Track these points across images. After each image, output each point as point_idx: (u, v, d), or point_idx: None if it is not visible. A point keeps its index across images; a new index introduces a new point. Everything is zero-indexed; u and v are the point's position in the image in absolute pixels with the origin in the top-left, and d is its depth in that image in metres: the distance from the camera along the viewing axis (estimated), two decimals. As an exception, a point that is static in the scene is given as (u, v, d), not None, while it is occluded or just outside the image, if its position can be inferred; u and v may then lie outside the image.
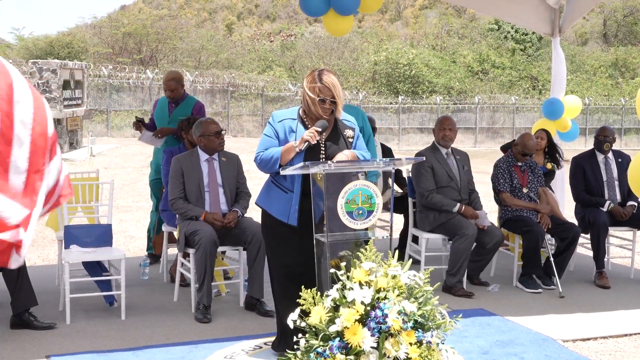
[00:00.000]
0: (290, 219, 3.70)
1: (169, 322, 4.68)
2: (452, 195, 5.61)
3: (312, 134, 3.60)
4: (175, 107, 6.31)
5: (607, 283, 5.81)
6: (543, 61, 33.20)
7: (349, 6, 6.26)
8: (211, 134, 5.01)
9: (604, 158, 6.21)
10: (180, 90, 6.31)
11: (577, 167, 6.26)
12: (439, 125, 5.74)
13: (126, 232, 8.36)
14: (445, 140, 5.69)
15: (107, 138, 21.49)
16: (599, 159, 6.22)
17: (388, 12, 52.09)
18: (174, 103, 6.32)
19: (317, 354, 3.05)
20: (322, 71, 3.71)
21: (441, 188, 5.62)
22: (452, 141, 5.73)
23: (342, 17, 6.38)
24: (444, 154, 5.72)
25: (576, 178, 6.25)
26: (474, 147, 26.88)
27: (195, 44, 33.32)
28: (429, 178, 5.63)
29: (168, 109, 6.31)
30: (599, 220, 5.92)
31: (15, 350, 4.12)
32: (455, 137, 5.77)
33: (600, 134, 6.28)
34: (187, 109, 6.33)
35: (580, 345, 4.42)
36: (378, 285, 3.11)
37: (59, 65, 16.23)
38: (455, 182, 5.64)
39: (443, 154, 5.71)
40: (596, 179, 6.15)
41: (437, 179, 5.63)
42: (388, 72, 30.28)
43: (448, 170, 5.65)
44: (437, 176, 5.63)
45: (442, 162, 5.67)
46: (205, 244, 4.67)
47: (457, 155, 5.81)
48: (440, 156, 5.70)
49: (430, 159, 5.65)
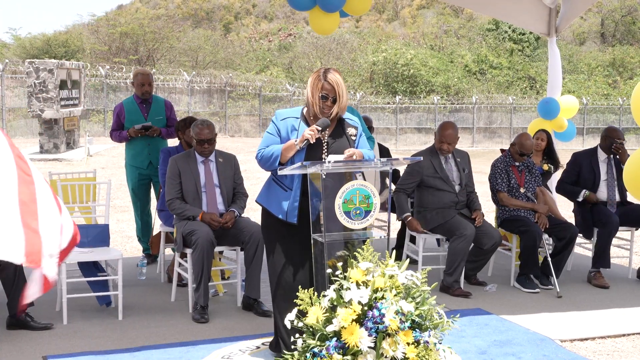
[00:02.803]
0: (289, 217, 3.69)
1: (166, 323, 4.67)
2: (448, 198, 5.60)
3: (312, 132, 3.60)
4: (147, 108, 6.26)
5: (605, 283, 5.81)
6: (540, 61, 33.25)
7: (334, 3, 6.24)
8: (201, 140, 4.99)
9: (606, 158, 6.17)
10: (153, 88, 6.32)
11: (575, 162, 6.26)
12: (440, 137, 5.64)
13: (123, 232, 8.34)
14: (442, 151, 5.65)
15: (104, 138, 21.45)
16: (601, 158, 6.17)
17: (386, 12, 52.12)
18: (145, 103, 6.27)
19: (314, 354, 3.04)
20: (328, 69, 3.72)
21: (436, 191, 5.60)
22: (450, 152, 5.68)
23: (328, 15, 6.34)
24: (442, 159, 5.69)
25: (568, 171, 6.27)
26: (472, 147, 26.91)
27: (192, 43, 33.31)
28: (410, 179, 5.65)
29: (141, 110, 6.25)
30: (612, 219, 5.90)
31: (11, 350, 4.10)
32: (456, 144, 5.71)
33: (613, 137, 6.11)
34: (160, 108, 6.30)
35: (578, 345, 4.42)
36: (375, 285, 3.10)
37: (56, 65, 16.20)
38: (451, 186, 5.62)
39: (440, 158, 5.69)
40: (592, 176, 6.13)
41: (431, 183, 5.61)
42: (386, 72, 30.30)
43: (443, 175, 5.61)
44: (430, 180, 5.60)
45: (437, 167, 5.62)
46: (202, 244, 4.66)
47: (458, 157, 5.76)
48: (436, 160, 5.66)
49: (425, 161, 5.61)
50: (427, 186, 5.62)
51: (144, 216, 6.45)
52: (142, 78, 6.22)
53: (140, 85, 6.23)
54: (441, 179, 5.59)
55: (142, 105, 6.26)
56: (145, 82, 6.21)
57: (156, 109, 6.27)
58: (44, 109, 15.79)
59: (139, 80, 6.24)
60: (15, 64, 22.42)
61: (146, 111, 6.25)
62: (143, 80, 6.22)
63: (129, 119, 6.22)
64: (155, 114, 6.21)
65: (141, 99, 6.26)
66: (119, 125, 6.29)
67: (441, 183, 5.59)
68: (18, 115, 21.54)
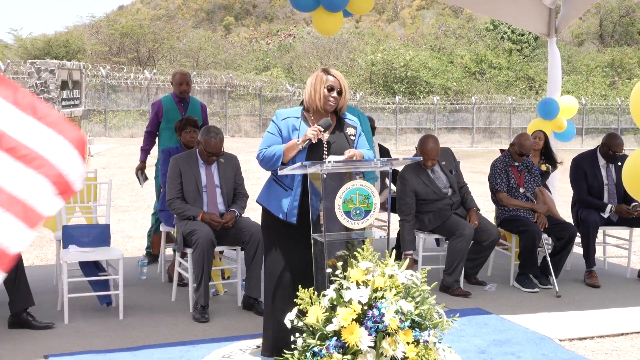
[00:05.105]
0: (288, 217, 3.70)
1: (166, 322, 4.68)
2: (442, 203, 5.60)
3: (315, 131, 3.61)
4: (185, 107, 6.31)
5: (597, 282, 5.83)
6: (540, 61, 33.25)
7: (337, 3, 6.25)
8: (210, 152, 5.01)
9: (605, 163, 6.15)
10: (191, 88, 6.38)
11: (578, 168, 6.20)
12: (422, 154, 5.56)
13: (124, 232, 8.36)
14: (426, 167, 5.63)
15: (105, 138, 21.49)
16: (601, 163, 6.16)
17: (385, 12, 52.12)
18: (182, 103, 6.32)
19: (314, 353, 3.06)
20: (329, 68, 3.80)
21: (430, 202, 5.61)
22: (434, 165, 5.66)
23: (331, 15, 6.34)
24: (429, 171, 5.68)
25: (577, 180, 6.19)
26: (471, 147, 26.92)
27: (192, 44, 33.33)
28: (407, 200, 5.58)
29: (179, 109, 6.29)
30: (589, 218, 5.93)
31: (13, 350, 4.12)
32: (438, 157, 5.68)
33: (612, 146, 6.04)
34: (197, 109, 6.36)
35: (577, 344, 4.44)
36: (375, 285, 3.12)
37: (57, 66, 16.18)
38: (443, 193, 5.62)
39: (427, 172, 5.67)
40: (597, 181, 6.13)
41: (424, 196, 5.60)
42: (385, 72, 30.31)
43: (435, 187, 5.61)
44: (423, 194, 5.60)
45: (426, 181, 5.61)
46: (202, 244, 4.68)
47: (442, 161, 5.75)
48: (424, 174, 5.63)
49: (413, 179, 5.58)
50: (421, 199, 5.63)
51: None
52: (180, 77, 6.28)
53: (178, 85, 6.28)
54: (433, 191, 5.61)
55: (180, 104, 6.31)
56: (184, 82, 6.26)
57: (193, 109, 6.31)
58: (44, 110, 15.80)
59: (177, 79, 6.30)
60: (16, 65, 22.43)
61: (184, 110, 6.29)
62: (181, 80, 6.26)
63: (166, 117, 6.26)
64: (193, 113, 6.23)
65: (179, 98, 6.31)
66: (155, 123, 6.30)
67: (434, 194, 5.61)
68: (19, 115, 21.51)
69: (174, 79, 6.35)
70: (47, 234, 7.78)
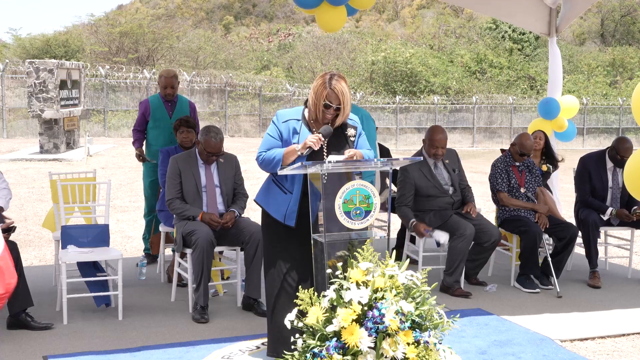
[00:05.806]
0: (287, 220, 3.69)
1: (166, 323, 4.67)
2: (443, 202, 5.59)
3: (315, 140, 3.58)
4: (173, 107, 6.28)
5: (597, 283, 5.81)
6: (540, 61, 33.25)
7: None
8: (210, 152, 5.00)
9: (612, 166, 6.12)
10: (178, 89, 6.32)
11: (584, 169, 6.18)
12: (430, 142, 5.60)
13: (123, 232, 8.35)
14: (436, 157, 5.63)
15: (104, 138, 21.47)
16: (608, 165, 6.13)
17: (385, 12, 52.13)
18: (170, 102, 6.29)
19: (314, 354, 3.04)
20: (334, 76, 3.62)
21: (431, 197, 5.60)
22: (443, 156, 5.66)
23: (335, 10, 6.29)
24: (431, 164, 5.67)
25: (582, 181, 6.18)
26: (472, 147, 26.91)
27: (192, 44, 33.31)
28: (406, 191, 5.60)
29: (166, 108, 6.27)
30: (588, 219, 5.91)
31: (12, 350, 4.10)
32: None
33: (620, 150, 5.99)
34: (185, 108, 6.32)
35: (578, 345, 4.42)
36: (375, 285, 3.10)
37: (56, 65, 16.19)
38: (444, 190, 5.60)
39: (430, 166, 5.66)
40: (601, 184, 6.11)
41: (424, 191, 5.59)
42: (385, 72, 30.29)
43: (436, 182, 5.60)
44: (424, 188, 5.59)
45: (427, 175, 5.60)
46: (202, 244, 4.66)
47: (446, 159, 5.74)
48: (426, 168, 5.63)
49: (415, 172, 5.57)
50: (422, 194, 5.61)
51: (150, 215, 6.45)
52: (165, 81, 6.23)
53: (163, 88, 6.25)
54: (434, 186, 5.59)
55: (167, 103, 6.28)
56: (168, 85, 6.21)
57: (181, 109, 6.28)
58: (44, 109, 15.79)
59: (162, 82, 6.26)
60: (15, 64, 22.43)
61: (171, 109, 6.27)
62: (166, 83, 6.22)
63: (154, 117, 6.24)
64: (180, 112, 6.20)
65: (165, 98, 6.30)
66: (143, 122, 6.28)
67: (434, 190, 5.59)
68: (18, 115, 21.55)
69: (159, 81, 6.31)
70: (46, 234, 7.77)
